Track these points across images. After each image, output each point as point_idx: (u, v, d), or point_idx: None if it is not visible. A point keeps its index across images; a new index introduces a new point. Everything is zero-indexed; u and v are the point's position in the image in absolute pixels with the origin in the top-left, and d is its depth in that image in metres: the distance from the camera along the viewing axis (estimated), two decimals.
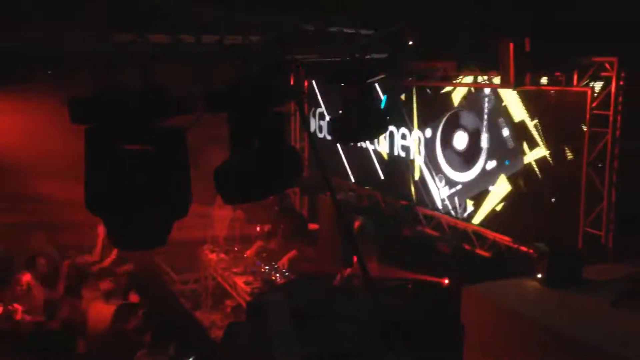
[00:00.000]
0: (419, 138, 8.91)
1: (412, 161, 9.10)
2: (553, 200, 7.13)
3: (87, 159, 2.93)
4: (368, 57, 5.25)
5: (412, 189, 9.13)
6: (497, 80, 7.39)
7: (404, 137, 9.22)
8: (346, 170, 10.59)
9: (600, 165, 6.61)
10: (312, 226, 9.80)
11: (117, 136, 2.96)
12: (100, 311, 7.23)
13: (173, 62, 3.58)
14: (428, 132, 8.74)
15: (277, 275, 7.95)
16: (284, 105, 3.76)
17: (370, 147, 9.91)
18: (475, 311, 5.94)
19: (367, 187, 10.07)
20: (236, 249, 9.56)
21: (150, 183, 2.92)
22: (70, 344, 6.76)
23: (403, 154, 9.27)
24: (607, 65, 6.43)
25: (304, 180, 10.25)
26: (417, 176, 9.05)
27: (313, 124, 10.76)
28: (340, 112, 5.03)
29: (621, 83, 6.37)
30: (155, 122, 3.01)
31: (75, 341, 6.90)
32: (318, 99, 10.50)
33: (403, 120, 9.08)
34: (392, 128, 9.06)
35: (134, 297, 7.68)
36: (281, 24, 4.72)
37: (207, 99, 3.27)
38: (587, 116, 6.59)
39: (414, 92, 8.86)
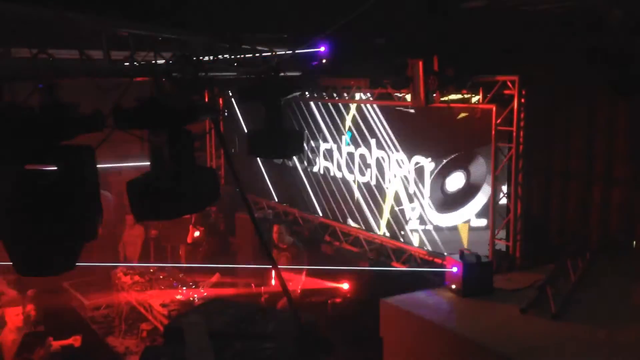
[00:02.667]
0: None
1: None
2: None
3: None
4: (283, 74, 5.27)
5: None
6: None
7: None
8: (267, 187, 10.53)
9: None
10: (234, 247, 9.70)
11: (17, 154, 2.79)
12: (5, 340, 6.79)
13: (79, 77, 3.45)
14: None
15: (195, 296, 7.77)
16: (197, 122, 3.69)
17: (299, 166, 9.90)
18: (392, 323, 6.04)
19: (285, 204, 10.08)
20: (151, 270, 9.25)
21: (57, 204, 2.77)
22: None
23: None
24: (509, 84, 6.79)
25: (223, 199, 10.12)
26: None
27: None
28: (256, 128, 5.02)
29: (522, 101, 6.74)
30: (61, 140, 2.86)
31: None
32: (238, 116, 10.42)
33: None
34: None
35: (40, 327, 7.26)
36: (195, 41, 4.66)
37: (116, 117, 3.16)
38: (493, 132, 6.93)
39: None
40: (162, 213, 3.32)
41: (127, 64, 3.76)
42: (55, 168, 2.81)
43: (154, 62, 3.98)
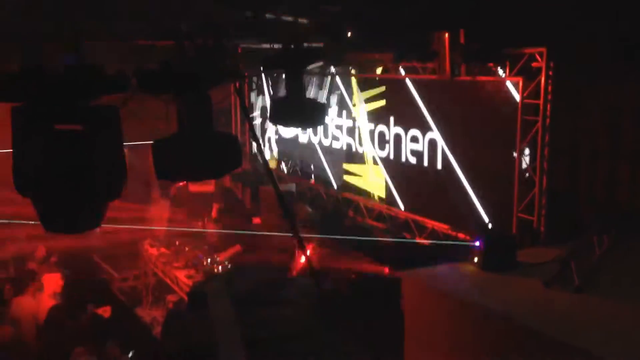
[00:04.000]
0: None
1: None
2: None
3: (14, 138, 2.82)
4: (306, 45, 5.27)
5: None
6: None
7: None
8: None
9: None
10: (256, 220, 9.78)
11: (45, 115, 2.86)
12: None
13: (107, 40, 3.50)
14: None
15: (219, 268, 7.89)
16: (218, 87, 3.71)
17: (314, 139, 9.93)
18: (414, 296, 6.06)
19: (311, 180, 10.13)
20: (177, 243, 9.40)
21: (82, 163, 2.83)
22: None
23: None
24: (537, 56, 6.68)
25: (246, 173, 10.21)
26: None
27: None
28: (280, 97, 5.06)
29: (550, 73, 6.63)
30: (87, 100, 2.92)
31: None
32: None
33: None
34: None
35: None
36: (219, 10, 4.68)
37: (139, 78, 3.20)
38: (519, 105, 6.83)
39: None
40: (182, 174, 3.37)
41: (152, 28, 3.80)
42: (82, 127, 2.87)
43: (177, 28, 4.01)
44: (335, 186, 9.58)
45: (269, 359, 3.66)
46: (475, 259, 6.14)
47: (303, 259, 6.63)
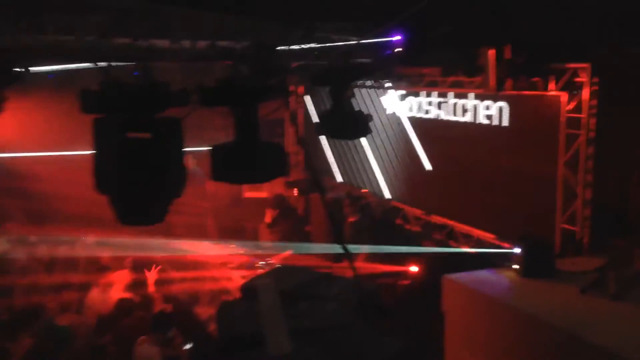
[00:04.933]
0: None
1: None
2: None
3: (95, 144, 3.34)
4: (355, 61, 5.67)
5: None
6: None
7: None
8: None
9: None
10: (309, 228, 10.22)
11: (120, 125, 3.37)
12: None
13: (171, 61, 3.99)
14: None
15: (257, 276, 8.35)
16: (269, 101, 4.16)
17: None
18: (455, 299, 6.33)
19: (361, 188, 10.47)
20: (232, 246, 9.93)
21: (151, 166, 3.32)
22: None
23: None
24: (581, 72, 6.83)
25: (300, 181, 10.67)
26: None
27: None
28: (326, 110, 5.47)
29: (595, 88, 6.76)
30: (155, 113, 3.42)
31: None
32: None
33: None
34: None
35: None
36: (271, 30, 5.15)
37: (200, 94, 3.69)
38: (563, 119, 6.99)
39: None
40: (233, 177, 3.85)
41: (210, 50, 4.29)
42: (150, 136, 3.37)
43: (233, 48, 4.49)
44: (385, 195, 9.88)
45: (310, 347, 4.01)
46: (516, 265, 6.36)
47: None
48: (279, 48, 5.10)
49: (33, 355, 6.23)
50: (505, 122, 7.64)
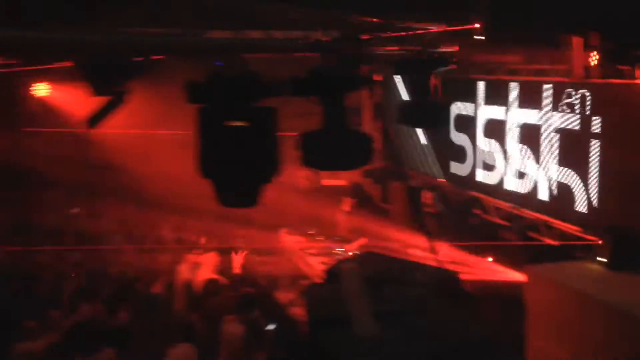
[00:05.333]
0: None
1: None
2: None
3: (199, 132, 3.60)
4: (436, 50, 5.71)
5: None
6: None
7: None
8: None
9: None
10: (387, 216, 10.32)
11: (221, 113, 3.61)
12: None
13: (266, 53, 4.21)
14: None
15: (344, 257, 8.54)
16: (357, 91, 4.30)
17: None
18: (537, 290, 6.28)
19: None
20: (311, 232, 10.18)
21: (248, 153, 3.55)
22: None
23: None
24: None
25: (377, 170, 10.78)
26: None
27: None
28: (406, 99, 5.57)
29: None
30: (251, 102, 3.64)
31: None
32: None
33: None
34: None
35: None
36: (357, 21, 5.28)
37: (292, 85, 3.89)
38: None
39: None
40: (322, 163, 4.04)
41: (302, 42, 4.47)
42: (248, 124, 3.59)
43: (321, 39, 4.66)
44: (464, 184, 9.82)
45: (396, 329, 4.14)
46: (601, 257, 6.23)
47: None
48: (363, 38, 5.22)
49: (131, 326, 6.69)
50: (589, 111, 7.42)
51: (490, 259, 8.12)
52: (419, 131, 10.38)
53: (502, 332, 6.46)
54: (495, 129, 9.00)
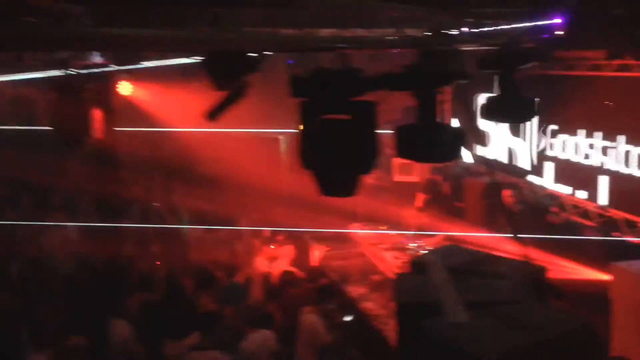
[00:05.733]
0: None
1: None
2: None
3: (301, 125, 3.80)
4: (518, 46, 5.72)
5: None
6: None
7: None
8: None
9: None
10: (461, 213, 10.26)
11: (321, 107, 3.79)
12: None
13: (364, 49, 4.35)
14: None
15: (421, 252, 8.58)
16: (448, 86, 4.40)
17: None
18: (624, 287, 6.20)
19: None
20: (384, 227, 10.28)
21: (349, 144, 3.72)
22: None
23: None
24: None
25: (448, 166, 10.77)
26: None
27: None
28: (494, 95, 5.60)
29: None
30: (353, 96, 3.81)
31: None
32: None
33: None
34: None
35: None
36: (442, 18, 5.36)
37: (388, 79, 4.03)
38: None
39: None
40: (419, 155, 4.17)
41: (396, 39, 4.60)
42: (349, 117, 3.76)
43: (414, 36, 4.77)
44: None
45: (486, 318, 4.19)
46: None
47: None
48: (453, 33, 5.30)
49: (215, 311, 7.01)
50: None
51: (571, 258, 8.00)
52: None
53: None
54: None
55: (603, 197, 8.31)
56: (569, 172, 8.91)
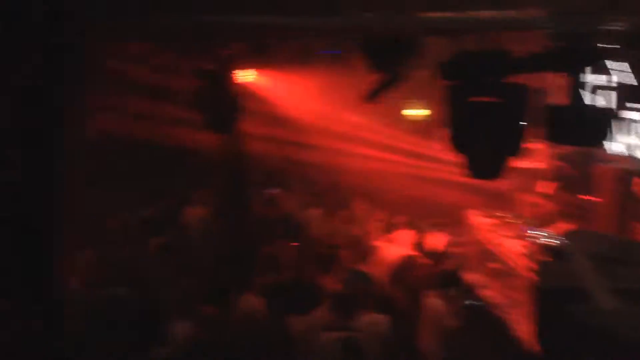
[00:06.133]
0: None
1: None
2: None
3: (450, 109, 3.83)
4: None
5: None
6: None
7: None
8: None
9: None
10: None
11: (472, 90, 3.81)
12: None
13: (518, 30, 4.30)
14: None
15: (550, 240, 8.25)
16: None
17: None
18: None
19: None
20: (501, 214, 10.03)
21: (500, 127, 3.72)
22: None
23: None
24: None
25: (573, 153, 10.29)
26: None
27: None
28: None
29: None
30: (502, 78, 3.79)
31: None
32: None
33: None
34: None
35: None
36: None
37: (542, 60, 3.96)
38: None
39: None
40: (567, 139, 4.07)
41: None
42: (499, 100, 3.75)
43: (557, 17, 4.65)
44: None
45: (636, 306, 4.05)
46: None
47: None
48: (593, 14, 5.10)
49: (341, 296, 7.20)
50: None
51: None
52: None
53: None
54: None
55: None
56: None
